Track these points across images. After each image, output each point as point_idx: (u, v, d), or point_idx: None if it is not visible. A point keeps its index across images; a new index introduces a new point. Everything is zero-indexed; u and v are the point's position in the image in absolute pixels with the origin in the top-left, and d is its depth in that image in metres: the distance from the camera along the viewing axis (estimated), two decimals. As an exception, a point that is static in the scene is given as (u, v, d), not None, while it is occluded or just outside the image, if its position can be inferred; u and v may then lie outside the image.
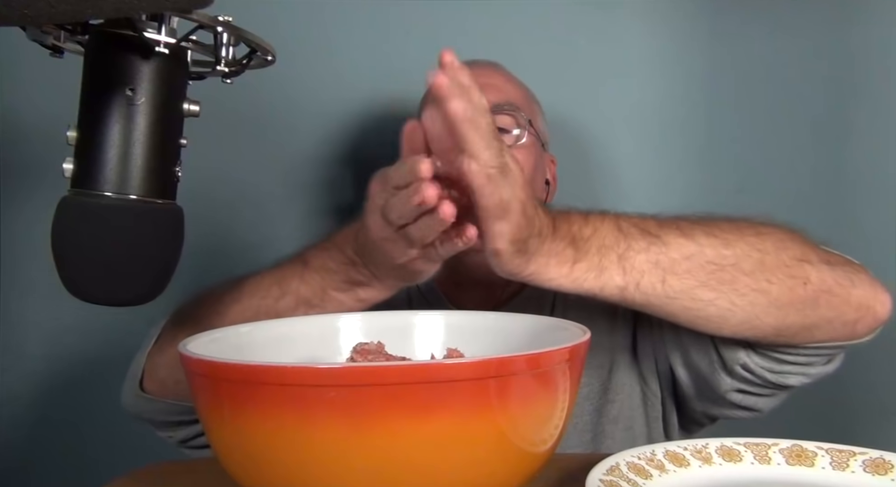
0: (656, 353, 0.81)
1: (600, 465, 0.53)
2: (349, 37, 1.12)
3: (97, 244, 0.45)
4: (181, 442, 0.79)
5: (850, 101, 1.13)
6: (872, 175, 1.12)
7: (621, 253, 0.61)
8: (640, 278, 0.61)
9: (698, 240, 0.62)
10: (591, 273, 0.60)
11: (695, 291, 0.62)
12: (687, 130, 1.14)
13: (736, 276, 0.62)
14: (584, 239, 0.60)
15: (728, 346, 0.70)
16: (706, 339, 0.71)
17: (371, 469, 0.43)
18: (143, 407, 0.76)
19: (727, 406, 0.76)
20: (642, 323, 0.82)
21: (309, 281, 0.68)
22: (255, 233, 1.12)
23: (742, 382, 0.71)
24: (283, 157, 1.13)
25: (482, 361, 0.43)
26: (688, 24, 1.13)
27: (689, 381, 0.78)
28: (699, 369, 0.75)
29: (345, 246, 0.67)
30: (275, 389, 0.42)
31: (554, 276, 0.60)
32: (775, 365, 0.69)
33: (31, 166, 1.07)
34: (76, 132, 0.46)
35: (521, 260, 0.57)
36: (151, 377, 0.75)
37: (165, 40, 0.44)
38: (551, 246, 0.59)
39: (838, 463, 0.56)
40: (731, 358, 0.70)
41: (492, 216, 0.54)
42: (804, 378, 0.70)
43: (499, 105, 0.83)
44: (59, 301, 0.53)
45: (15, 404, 1.13)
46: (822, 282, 0.64)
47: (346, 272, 0.67)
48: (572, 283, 0.60)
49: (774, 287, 0.63)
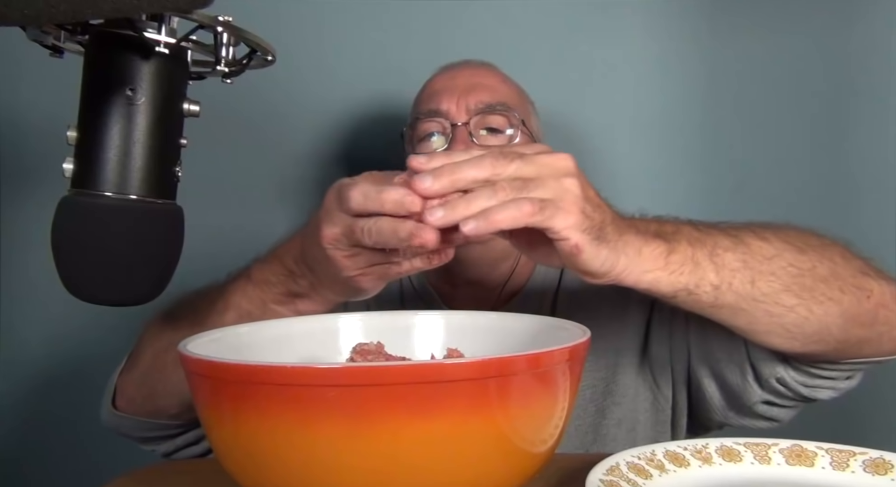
0: (674, 361, 0.79)
1: (600, 465, 0.53)
2: (349, 37, 1.12)
3: (97, 244, 0.45)
4: (165, 455, 0.79)
5: (850, 101, 1.13)
6: (872, 175, 1.12)
7: (710, 249, 0.57)
8: (731, 277, 0.58)
9: (775, 244, 0.60)
10: (687, 266, 0.56)
11: (780, 295, 0.59)
12: (686, 130, 1.14)
13: (815, 283, 0.60)
14: (670, 233, 0.57)
15: (764, 359, 0.68)
16: (740, 351, 0.70)
17: (371, 469, 0.43)
18: (118, 424, 0.76)
19: (751, 417, 0.75)
20: (658, 329, 0.80)
21: (251, 294, 0.68)
22: (256, 232, 1.11)
23: (773, 395, 0.71)
24: (283, 157, 1.13)
25: (482, 361, 0.43)
26: (687, 25, 1.13)
27: (718, 392, 0.76)
28: (728, 381, 0.73)
29: (285, 257, 0.67)
30: (275, 389, 0.42)
31: (649, 268, 0.55)
32: (809, 380, 0.68)
33: (31, 166, 1.07)
34: (76, 132, 0.46)
35: (608, 250, 0.53)
36: (122, 394, 0.75)
37: (165, 40, 0.44)
38: (636, 236, 0.55)
39: (838, 463, 0.56)
40: (767, 372, 0.69)
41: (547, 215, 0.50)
42: (833, 392, 0.69)
43: (491, 105, 0.83)
44: (59, 301, 0.53)
45: (15, 403, 1.13)
46: (882, 296, 0.63)
47: (284, 284, 0.67)
48: (669, 276, 0.56)
49: (846, 297, 0.61)
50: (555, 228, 0.51)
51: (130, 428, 0.76)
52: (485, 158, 0.51)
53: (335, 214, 0.56)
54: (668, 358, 0.80)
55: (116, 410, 0.76)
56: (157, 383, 0.72)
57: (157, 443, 0.78)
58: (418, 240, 0.51)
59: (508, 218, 0.49)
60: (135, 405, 0.75)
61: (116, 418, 0.76)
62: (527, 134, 0.85)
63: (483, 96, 0.83)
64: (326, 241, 0.57)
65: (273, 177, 1.13)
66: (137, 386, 0.74)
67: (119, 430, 0.77)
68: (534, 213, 0.49)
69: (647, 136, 1.14)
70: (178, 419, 0.74)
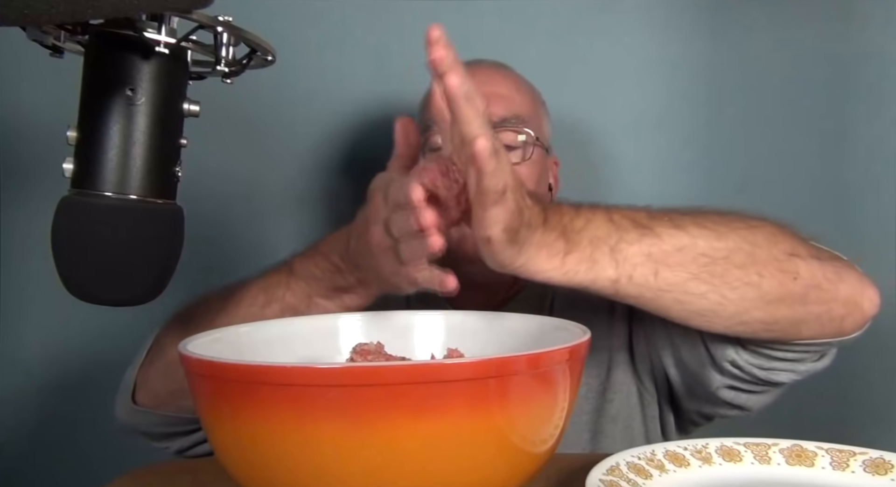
0: (651, 353, 0.81)
1: (600, 465, 0.53)
2: (349, 37, 1.12)
3: (97, 244, 0.45)
4: (178, 453, 0.79)
5: (850, 101, 1.13)
6: (872, 175, 1.12)
7: (613, 244, 0.59)
8: (632, 270, 0.59)
9: (690, 232, 0.61)
10: (583, 265, 0.59)
11: (687, 284, 0.61)
12: (688, 130, 1.14)
13: (728, 269, 0.61)
14: (576, 230, 0.59)
15: (717, 343, 0.69)
16: (695, 336, 0.71)
17: (371, 469, 0.43)
18: (138, 420, 0.76)
19: (718, 405, 0.76)
20: (638, 322, 0.82)
21: (294, 288, 0.69)
22: (256, 232, 1.12)
23: (732, 379, 0.71)
24: (283, 157, 1.13)
25: (482, 361, 0.43)
26: (689, 25, 1.13)
27: (679, 379, 0.78)
28: (689, 367, 0.75)
29: (330, 254, 0.68)
30: (275, 389, 0.42)
31: (544, 268, 0.58)
32: (764, 362, 0.69)
33: (31, 166, 1.07)
34: (76, 132, 0.46)
35: (513, 250, 0.56)
36: (144, 389, 0.75)
37: (165, 40, 0.44)
38: (542, 237, 0.57)
39: (838, 463, 0.56)
40: (720, 355, 0.69)
41: (490, 200, 0.52)
42: (794, 374, 0.70)
43: (506, 119, 0.82)
44: (59, 301, 0.53)
45: (15, 403, 1.13)
46: (812, 277, 0.63)
47: (330, 279, 0.68)
48: (563, 276, 0.59)
49: (765, 281, 0.62)
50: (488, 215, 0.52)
51: (151, 424, 0.76)
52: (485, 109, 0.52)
53: (381, 210, 0.58)
54: (646, 350, 0.81)
55: (136, 406, 0.75)
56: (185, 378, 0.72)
57: (173, 439, 0.77)
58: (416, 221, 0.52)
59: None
60: (159, 399, 0.74)
61: (136, 413, 0.75)
62: (540, 146, 0.84)
63: (497, 109, 0.81)
64: (374, 240, 0.59)
65: (273, 177, 1.13)
66: (163, 381, 0.73)
67: (137, 427, 0.77)
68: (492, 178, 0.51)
69: (649, 136, 1.14)
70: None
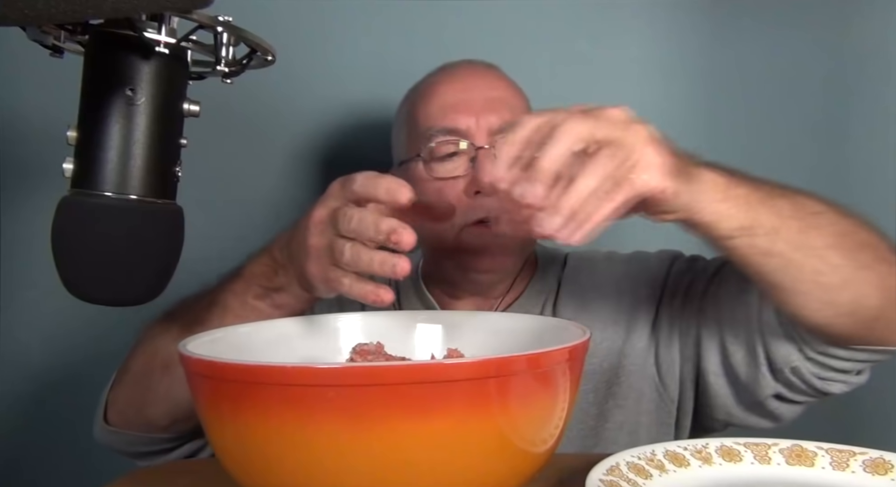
0: (683, 359, 0.79)
1: (600, 465, 0.53)
2: (349, 37, 1.12)
3: (97, 244, 0.45)
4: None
5: (850, 101, 1.13)
6: (872, 175, 1.12)
7: (763, 196, 0.56)
8: (786, 224, 0.56)
9: (820, 202, 0.59)
10: (744, 203, 0.55)
11: (827, 251, 0.57)
12: (686, 130, 1.12)
13: (856, 247, 0.58)
14: (730, 173, 0.57)
15: (781, 348, 0.68)
16: (756, 340, 0.70)
17: (371, 469, 0.43)
18: (111, 439, 0.75)
19: (758, 414, 0.75)
20: (665, 326, 0.79)
21: (235, 290, 0.68)
22: (256, 232, 1.11)
23: (785, 387, 0.70)
24: (283, 157, 1.13)
25: (482, 361, 0.43)
26: (688, 25, 1.13)
27: (726, 387, 0.75)
28: (739, 374, 0.73)
29: (274, 249, 0.66)
30: (275, 389, 0.42)
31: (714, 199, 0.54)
32: (823, 372, 0.68)
33: (31, 166, 1.07)
34: (76, 132, 0.46)
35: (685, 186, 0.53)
36: (114, 408, 0.74)
37: (165, 40, 0.44)
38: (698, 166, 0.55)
39: (838, 463, 0.56)
40: (782, 360, 0.68)
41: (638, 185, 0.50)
42: (845, 386, 0.69)
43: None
44: (59, 301, 0.53)
45: (14, 403, 1.13)
46: None
47: (267, 275, 0.66)
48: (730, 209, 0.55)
49: (882, 267, 0.59)
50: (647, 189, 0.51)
51: (124, 444, 0.75)
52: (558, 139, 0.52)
53: (333, 197, 0.57)
54: (678, 357, 0.79)
55: (108, 426, 0.74)
56: (146, 391, 0.71)
57: (153, 457, 0.76)
58: (396, 236, 0.51)
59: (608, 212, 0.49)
60: (126, 418, 0.73)
61: (108, 434, 0.74)
62: None
63: (504, 114, 0.80)
64: (313, 222, 0.57)
65: (272, 177, 1.13)
66: (127, 397, 0.73)
67: (112, 446, 0.75)
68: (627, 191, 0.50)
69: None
70: (168, 432, 0.73)
